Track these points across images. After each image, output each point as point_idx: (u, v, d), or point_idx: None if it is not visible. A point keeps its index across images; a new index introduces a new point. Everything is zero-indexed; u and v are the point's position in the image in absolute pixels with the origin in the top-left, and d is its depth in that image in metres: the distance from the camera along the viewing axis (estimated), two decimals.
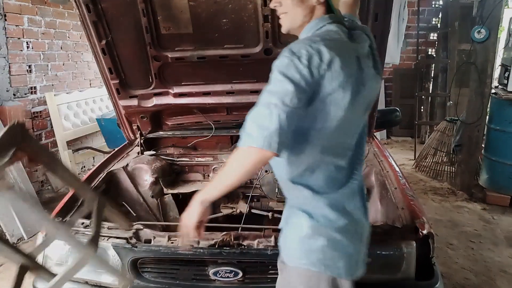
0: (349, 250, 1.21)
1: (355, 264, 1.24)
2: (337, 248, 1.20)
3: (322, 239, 1.19)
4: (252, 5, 1.99)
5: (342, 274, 1.20)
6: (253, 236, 1.68)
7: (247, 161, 1.08)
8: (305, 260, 1.21)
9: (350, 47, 1.19)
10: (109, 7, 2.03)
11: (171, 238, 1.70)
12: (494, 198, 3.99)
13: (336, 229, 1.20)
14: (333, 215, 1.20)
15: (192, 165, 2.62)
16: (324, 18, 1.22)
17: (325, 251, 1.19)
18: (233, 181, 1.12)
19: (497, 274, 2.82)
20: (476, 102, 3.98)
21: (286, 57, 1.09)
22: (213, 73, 2.36)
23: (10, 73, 3.74)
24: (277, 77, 1.07)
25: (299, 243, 1.22)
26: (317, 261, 1.19)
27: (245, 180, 1.14)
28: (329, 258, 1.19)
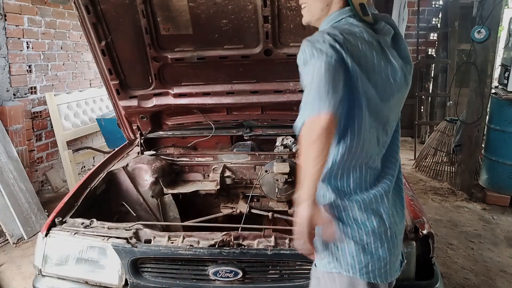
0: (380, 253, 1.17)
1: (387, 267, 1.19)
2: (367, 252, 1.16)
3: (352, 242, 1.16)
4: (252, 6, 1.99)
5: (374, 278, 1.17)
6: (253, 236, 1.68)
7: (312, 138, 1.01)
8: (335, 264, 1.18)
9: (372, 39, 1.15)
10: (109, 8, 2.02)
11: (171, 238, 1.70)
12: (494, 198, 3.99)
13: (366, 232, 1.16)
14: (363, 217, 1.17)
15: (192, 165, 2.62)
16: (344, 11, 1.21)
17: (355, 255, 1.16)
18: (314, 167, 1.04)
19: (497, 274, 2.82)
20: (476, 102, 3.98)
21: (306, 46, 1.10)
22: (213, 73, 2.36)
23: (10, 73, 3.73)
24: (305, 66, 1.08)
25: (328, 247, 1.20)
26: (348, 265, 1.17)
27: (325, 159, 1.05)
28: (360, 262, 1.16)
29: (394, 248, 1.20)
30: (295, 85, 2.38)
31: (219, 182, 2.39)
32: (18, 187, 3.45)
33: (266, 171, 2.37)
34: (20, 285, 2.74)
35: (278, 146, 2.64)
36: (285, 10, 2.00)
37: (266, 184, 2.36)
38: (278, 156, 2.44)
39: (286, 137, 2.65)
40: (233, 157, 2.57)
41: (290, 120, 2.65)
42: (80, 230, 1.73)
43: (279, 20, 2.04)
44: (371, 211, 1.18)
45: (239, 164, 2.55)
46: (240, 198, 2.48)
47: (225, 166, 2.53)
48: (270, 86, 2.40)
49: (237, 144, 2.77)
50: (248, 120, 2.70)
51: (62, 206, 1.90)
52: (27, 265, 2.94)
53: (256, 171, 2.52)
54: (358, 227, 1.17)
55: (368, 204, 1.18)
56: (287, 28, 2.07)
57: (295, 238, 1.16)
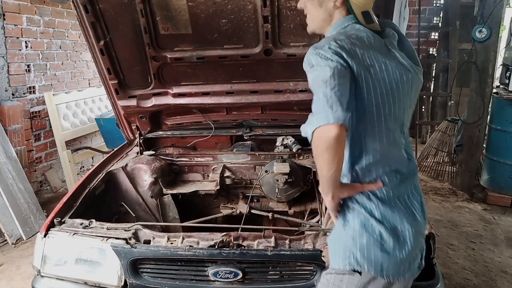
0: (397, 252, 1.16)
1: (401, 267, 1.18)
2: (384, 250, 1.16)
3: (371, 239, 1.16)
4: (252, 5, 1.98)
5: (388, 276, 1.17)
6: (253, 236, 1.67)
7: (322, 148, 1.04)
8: (350, 260, 1.18)
9: (379, 42, 1.19)
10: (107, 7, 2.01)
11: (170, 238, 1.69)
12: (494, 199, 3.98)
13: (384, 230, 1.16)
14: (381, 216, 1.17)
15: (192, 165, 2.61)
16: (349, 18, 1.23)
17: (373, 251, 1.16)
18: (328, 172, 1.08)
19: (497, 274, 2.81)
20: (477, 102, 3.97)
21: (311, 53, 1.11)
22: (212, 73, 2.35)
23: (9, 73, 3.72)
24: (311, 69, 1.10)
25: (346, 244, 1.20)
26: (364, 261, 1.16)
27: (340, 166, 1.09)
28: (377, 259, 1.16)
29: (412, 250, 1.19)
30: (295, 85, 2.36)
31: (219, 182, 2.38)
32: (17, 187, 3.43)
33: (266, 171, 2.36)
34: (19, 285, 2.73)
35: (278, 146, 2.62)
36: (285, 10, 1.99)
37: (266, 184, 2.35)
38: (278, 156, 2.43)
39: (286, 137, 2.64)
40: (232, 157, 2.56)
41: (290, 120, 2.64)
42: (79, 231, 1.73)
43: (279, 20, 2.03)
44: (390, 211, 1.18)
45: (239, 164, 2.54)
46: (240, 199, 2.47)
47: (225, 166, 2.52)
48: (270, 86, 2.39)
49: (237, 144, 2.76)
50: (248, 120, 2.69)
51: (61, 206, 1.89)
52: (26, 265, 2.93)
53: (256, 171, 2.51)
54: (377, 224, 1.16)
55: (387, 204, 1.18)
56: (287, 28, 2.06)
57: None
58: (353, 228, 1.18)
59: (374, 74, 1.13)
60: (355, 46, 1.11)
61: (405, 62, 1.22)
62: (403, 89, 1.19)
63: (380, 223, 1.16)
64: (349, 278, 1.18)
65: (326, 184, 1.12)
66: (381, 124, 1.15)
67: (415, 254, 1.22)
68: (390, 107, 1.16)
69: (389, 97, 1.16)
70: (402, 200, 1.22)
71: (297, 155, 2.50)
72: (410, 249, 1.18)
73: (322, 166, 1.08)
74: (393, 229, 1.17)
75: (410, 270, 1.21)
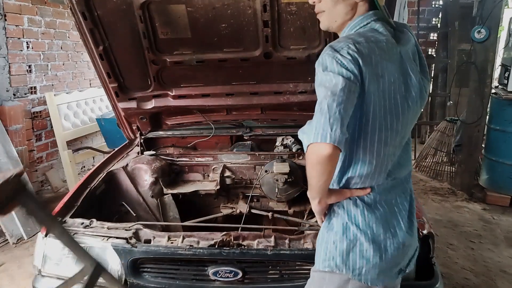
0: (376, 259, 1.16)
1: (380, 273, 1.18)
2: (363, 255, 1.16)
3: (349, 243, 1.17)
4: (252, 10, 1.98)
5: (366, 281, 1.17)
6: (253, 236, 1.68)
7: (313, 162, 1.05)
8: (329, 262, 1.19)
9: (395, 50, 1.14)
10: (105, 14, 2.01)
11: (170, 238, 1.70)
12: (494, 198, 3.99)
13: (364, 235, 1.16)
14: (363, 221, 1.18)
15: (192, 165, 2.62)
16: (368, 15, 1.16)
17: (351, 255, 1.17)
18: (317, 182, 1.09)
19: (497, 274, 2.82)
20: (476, 102, 3.98)
21: (328, 54, 1.06)
22: (212, 75, 2.36)
23: (10, 73, 3.73)
24: (323, 71, 1.05)
25: (327, 245, 1.22)
26: (342, 264, 1.17)
27: (330, 179, 1.09)
28: (355, 262, 1.17)
29: (392, 258, 1.19)
30: (295, 87, 2.37)
31: (219, 182, 2.39)
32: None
33: (266, 171, 2.36)
34: (20, 285, 2.74)
35: (278, 146, 2.63)
36: (285, 14, 1.99)
37: (266, 184, 2.36)
38: (278, 156, 2.44)
39: (286, 137, 2.65)
40: (233, 157, 2.57)
41: (290, 120, 2.65)
42: (80, 230, 1.73)
43: (279, 24, 2.03)
44: (374, 218, 1.18)
45: (239, 164, 2.55)
46: (240, 198, 2.47)
47: (225, 166, 2.53)
48: (270, 87, 2.40)
49: (237, 144, 2.77)
50: (248, 120, 2.69)
51: (62, 206, 1.90)
52: (27, 265, 2.94)
53: (256, 171, 2.52)
54: (358, 232, 1.17)
55: (373, 210, 1.18)
56: (287, 32, 2.06)
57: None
58: (335, 232, 1.19)
59: (383, 85, 1.09)
60: (372, 53, 1.07)
61: (414, 75, 1.17)
62: (408, 105, 1.16)
63: (361, 231, 1.16)
64: (330, 277, 1.20)
65: (314, 191, 1.13)
66: (381, 137, 1.12)
67: (396, 261, 1.21)
68: (392, 122, 1.12)
69: (392, 112, 1.12)
70: (389, 207, 1.21)
71: (297, 155, 2.50)
72: (390, 258, 1.17)
73: (312, 177, 1.09)
74: (374, 237, 1.16)
75: (391, 277, 1.22)
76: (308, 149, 1.04)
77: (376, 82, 1.08)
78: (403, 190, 1.26)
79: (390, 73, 1.11)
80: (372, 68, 1.06)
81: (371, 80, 1.07)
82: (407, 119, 1.17)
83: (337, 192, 1.19)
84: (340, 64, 1.03)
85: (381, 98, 1.09)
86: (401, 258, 1.22)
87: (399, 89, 1.13)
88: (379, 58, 1.08)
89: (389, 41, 1.13)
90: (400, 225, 1.21)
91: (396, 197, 1.23)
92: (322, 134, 0.98)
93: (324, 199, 1.16)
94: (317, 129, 0.99)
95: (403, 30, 1.23)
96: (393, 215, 1.21)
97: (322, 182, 1.09)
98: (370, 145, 1.12)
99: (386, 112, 1.11)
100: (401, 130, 1.16)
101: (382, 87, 1.09)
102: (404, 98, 1.14)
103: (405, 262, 1.26)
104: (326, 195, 1.15)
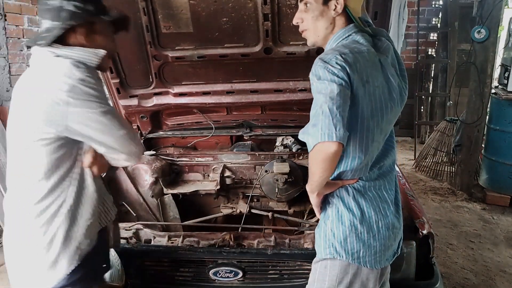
0: (371, 242, 1.28)
1: (377, 255, 1.30)
2: (360, 239, 1.27)
3: (346, 229, 1.28)
4: (252, 3, 1.99)
5: (365, 264, 1.28)
6: (253, 236, 1.69)
7: (320, 159, 1.15)
8: (330, 250, 1.29)
9: (375, 59, 1.27)
10: (109, 6, 2.02)
11: (170, 238, 1.70)
12: (493, 198, 3.99)
13: (359, 220, 1.28)
14: (357, 207, 1.29)
15: (192, 165, 2.62)
16: (349, 28, 1.30)
17: (349, 241, 1.27)
18: (319, 178, 1.21)
19: (496, 274, 2.82)
20: (476, 102, 3.98)
21: (320, 66, 1.19)
22: (213, 72, 2.36)
23: (10, 73, 3.73)
24: (319, 81, 1.17)
25: (326, 234, 1.32)
26: (342, 250, 1.28)
27: (330, 173, 1.20)
28: (352, 247, 1.28)
29: (385, 239, 1.31)
30: (295, 84, 2.38)
31: (219, 182, 2.39)
32: None
33: (266, 171, 2.37)
34: None
35: (278, 146, 2.64)
36: (285, 8, 2.00)
37: (266, 184, 2.36)
38: (278, 156, 2.44)
39: (286, 137, 2.65)
40: (233, 157, 2.57)
41: (290, 120, 2.65)
42: None
43: (279, 18, 2.05)
44: (365, 202, 1.30)
45: (239, 164, 2.55)
46: (240, 198, 2.48)
47: (225, 166, 2.53)
48: (270, 85, 2.40)
49: (237, 144, 2.77)
50: (248, 120, 2.70)
51: None
52: None
53: (256, 171, 2.52)
54: (352, 217, 1.28)
55: (363, 195, 1.30)
56: (287, 26, 2.07)
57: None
58: (331, 220, 1.30)
59: (368, 89, 1.22)
60: (357, 62, 1.19)
61: (393, 80, 1.30)
62: (391, 106, 1.29)
63: (355, 215, 1.28)
64: (331, 264, 1.30)
65: (315, 185, 1.25)
66: (369, 135, 1.24)
67: (389, 243, 1.33)
68: (378, 121, 1.25)
69: (378, 113, 1.25)
70: (378, 192, 1.33)
71: (297, 155, 2.51)
72: (383, 238, 1.30)
73: (316, 173, 1.20)
74: (367, 219, 1.28)
75: (386, 260, 1.34)
76: (315, 148, 1.14)
77: (363, 87, 1.20)
78: (390, 177, 1.39)
79: (374, 79, 1.24)
80: (358, 74, 1.19)
81: (358, 86, 1.19)
82: (390, 118, 1.32)
83: (331, 184, 1.30)
84: (332, 73, 1.16)
85: (368, 101, 1.22)
86: (393, 240, 1.35)
87: (383, 92, 1.26)
88: (363, 66, 1.21)
89: (369, 51, 1.26)
90: (390, 209, 1.34)
91: (385, 183, 1.36)
92: (328, 134, 1.10)
93: (322, 191, 1.28)
94: (323, 129, 1.11)
95: (381, 39, 1.36)
96: (382, 199, 1.33)
97: (324, 178, 1.21)
98: (359, 143, 1.24)
99: (373, 113, 1.24)
100: (384, 128, 1.30)
101: (368, 91, 1.22)
102: (388, 100, 1.28)
103: (396, 245, 1.39)
104: (324, 188, 1.28)
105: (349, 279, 1.28)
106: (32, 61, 1.30)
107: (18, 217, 1.31)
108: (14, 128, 1.29)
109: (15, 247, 1.33)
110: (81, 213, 1.29)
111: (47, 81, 1.20)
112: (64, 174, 1.26)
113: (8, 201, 1.35)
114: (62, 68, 1.20)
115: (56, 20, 1.28)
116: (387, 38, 1.39)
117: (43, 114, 1.18)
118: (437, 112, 6.05)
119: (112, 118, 1.23)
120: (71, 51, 1.25)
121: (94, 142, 1.25)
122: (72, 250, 1.28)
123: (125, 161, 1.33)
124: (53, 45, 1.25)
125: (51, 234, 1.25)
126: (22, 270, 1.32)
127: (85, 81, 1.18)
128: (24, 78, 1.30)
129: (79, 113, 1.18)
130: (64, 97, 1.16)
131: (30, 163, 1.25)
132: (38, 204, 1.25)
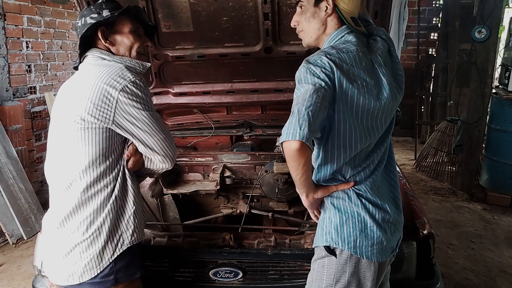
0: (374, 234, 1.27)
1: (379, 247, 1.29)
2: (363, 232, 1.27)
3: (350, 222, 1.28)
4: (253, 3, 1.98)
5: (367, 256, 1.27)
6: (253, 236, 1.68)
7: (288, 157, 1.17)
8: (334, 237, 1.29)
9: (366, 58, 1.26)
10: None
11: (171, 238, 1.70)
12: (494, 198, 3.99)
13: (363, 214, 1.28)
14: (353, 197, 1.29)
15: (192, 165, 2.62)
16: (343, 29, 1.30)
17: (352, 233, 1.27)
18: (296, 177, 1.22)
19: (497, 274, 2.81)
20: (477, 102, 3.98)
21: (303, 66, 1.21)
22: (213, 72, 2.36)
23: (10, 73, 3.73)
24: (298, 85, 1.21)
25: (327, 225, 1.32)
26: (344, 242, 1.27)
27: (307, 173, 1.21)
28: (355, 239, 1.27)
29: (383, 233, 1.29)
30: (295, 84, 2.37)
31: (219, 182, 2.38)
32: (17, 187, 3.44)
33: (266, 171, 2.36)
34: (20, 285, 2.74)
35: (278, 146, 2.63)
36: (285, 7, 2.00)
37: (266, 184, 2.35)
38: (278, 156, 2.44)
39: None
40: (233, 157, 2.57)
41: None
42: None
43: (279, 17, 2.04)
44: (364, 194, 1.30)
45: (239, 164, 2.54)
46: (240, 198, 2.47)
47: (225, 166, 2.53)
48: (270, 85, 2.40)
49: (237, 144, 2.77)
50: (248, 120, 2.69)
51: None
52: (26, 265, 2.94)
53: (256, 171, 2.51)
54: (349, 205, 1.29)
55: (361, 187, 1.30)
56: (287, 26, 2.06)
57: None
58: (329, 209, 1.32)
59: (354, 88, 1.21)
60: (343, 62, 1.20)
61: (385, 79, 1.28)
62: (380, 104, 1.27)
63: (352, 203, 1.29)
64: (328, 261, 1.30)
65: (299, 186, 1.27)
66: (356, 133, 1.24)
67: (387, 236, 1.31)
68: (367, 122, 1.25)
69: (364, 110, 1.24)
70: (378, 186, 1.33)
71: None
72: (381, 231, 1.28)
73: (292, 172, 1.22)
74: (365, 212, 1.28)
75: (384, 254, 1.31)
76: (283, 146, 1.17)
77: (350, 86, 1.20)
78: (388, 170, 1.40)
79: (362, 78, 1.23)
80: (344, 74, 1.19)
81: (343, 85, 1.19)
82: (380, 120, 1.30)
83: (323, 188, 1.31)
84: (313, 74, 1.18)
85: (353, 99, 1.22)
86: (390, 233, 1.32)
87: (371, 91, 1.25)
88: (350, 66, 1.21)
89: (359, 50, 1.25)
90: (390, 204, 1.34)
91: (383, 175, 1.37)
92: (292, 133, 1.12)
93: (311, 194, 1.29)
94: (288, 129, 1.14)
95: (376, 38, 1.36)
96: (381, 192, 1.33)
97: (300, 177, 1.21)
98: (343, 139, 1.24)
99: (358, 111, 1.23)
100: (373, 126, 1.29)
101: (356, 90, 1.21)
102: (376, 98, 1.26)
103: (395, 241, 1.36)
104: (313, 191, 1.28)
105: (346, 278, 1.28)
106: (83, 66, 1.45)
107: (64, 206, 1.37)
108: (61, 121, 1.40)
109: (60, 233, 1.37)
110: (127, 204, 1.39)
111: (102, 78, 1.31)
112: (110, 165, 1.36)
113: (54, 192, 1.43)
114: (116, 69, 1.34)
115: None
116: (385, 37, 1.38)
117: (93, 107, 1.29)
118: (438, 112, 6.05)
119: (155, 121, 1.37)
120: (121, 59, 1.43)
121: (135, 139, 1.37)
122: (118, 239, 1.36)
123: (160, 163, 1.44)
124: (103, 52, 1.42)
125: (100, 222, 1.34)
126: (68, 257, 1.35)
127: (136, 83, 1.33)
128: (75, 77, 1.46)
129: (126, 111, 1.31)
130: (116, 94, 1.29)
131: (76, 153, 1.34)
132: (86, 191, 1.33)
